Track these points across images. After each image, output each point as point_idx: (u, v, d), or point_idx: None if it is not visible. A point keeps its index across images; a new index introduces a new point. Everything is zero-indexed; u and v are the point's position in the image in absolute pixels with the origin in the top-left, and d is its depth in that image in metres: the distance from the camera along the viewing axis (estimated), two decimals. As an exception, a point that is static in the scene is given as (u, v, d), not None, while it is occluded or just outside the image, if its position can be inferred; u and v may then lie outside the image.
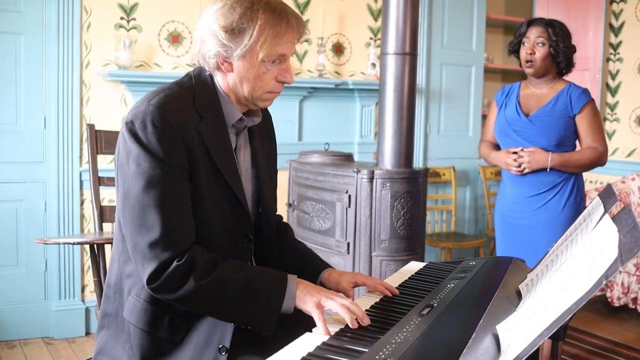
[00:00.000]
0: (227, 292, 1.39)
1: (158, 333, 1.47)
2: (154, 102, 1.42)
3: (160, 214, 1.37)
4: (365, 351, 1.18)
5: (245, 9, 1.44)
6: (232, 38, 1.44)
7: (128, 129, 1.40)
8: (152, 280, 1.36)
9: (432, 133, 4.78)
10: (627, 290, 4.07)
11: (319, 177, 3.14)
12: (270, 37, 1.45)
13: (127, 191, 1.40)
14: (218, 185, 1.49)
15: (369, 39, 4.49)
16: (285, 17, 1.47)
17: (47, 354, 3.39)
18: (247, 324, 1.44)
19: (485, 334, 1.11)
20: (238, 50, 1.45)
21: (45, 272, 3.61)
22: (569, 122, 2.77)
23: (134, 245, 1.39)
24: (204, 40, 1.48)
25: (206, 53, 1.49)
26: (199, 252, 1.41)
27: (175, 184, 1.40)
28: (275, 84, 1.53)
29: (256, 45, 1.44)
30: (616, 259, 0.94)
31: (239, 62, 1.48)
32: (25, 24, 3.44)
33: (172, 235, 1.37)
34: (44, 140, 3.54)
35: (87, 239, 2.42)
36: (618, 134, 4.91)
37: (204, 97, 1.51)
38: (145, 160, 1.38)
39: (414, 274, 1.82)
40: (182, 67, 3.85)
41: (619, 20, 4.92)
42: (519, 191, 2.85)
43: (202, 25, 1.49)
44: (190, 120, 1.45)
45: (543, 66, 2.79)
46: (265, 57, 1.46)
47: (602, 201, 1.44)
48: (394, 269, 2.81)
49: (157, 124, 1.39)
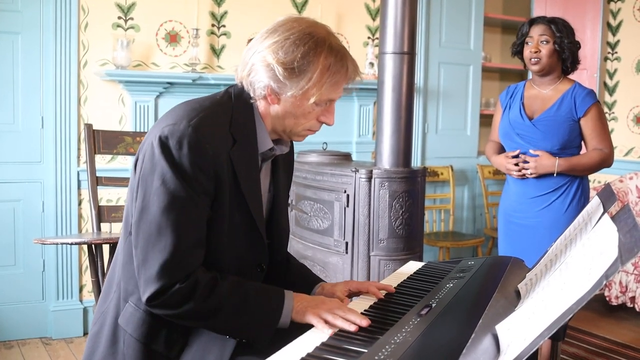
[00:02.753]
0: (225, 310, 1.39)
1: (153, 346, 1.45)
2: (193, 123, 1.39)
3: (175, 239, 1.35)
4: (364, 352, 1.18)
5: (308, 49, 1.41)
6: (289, 76, 1.42)
7: (161, 144, 1.37)
8: (152, 299, 1.36)
9: (430, 132, 4.78)
10: (625, 289, 4.08)
11: (317, 176, 3.13)
12: (327, 84, 1.44)
13: (146, 206, 1.38)
14: (239, 212, 1.48)
15: (367, 38, 4.49)
16: (345, 65, 1.46)
17: (45, 354, 3.38)
18: (243, 338, 1.45)
19: (484, 334, 1.11)
20: (293, 90, 1.43)
21: (43, 272, 3.60)
22: (573, 126, 2.73)
23: (142, 260, 1.38)
24: (255, 68, 1.45)
25: (256, 82, 1.46)
26: (202, 273, 1.40)
27: (196, 210, 1.39)
28: (315, 123, 1.52)
29: (312, 89, 1.43)
30: (616, 259, 0.94)
31: (289, 99, 1.45)
32: (22, 23, 3.43)
33: (182, 261, 1.36)
34: (42, 140, 3.53)
35: (85, 239, 2.42)
36: (616, 133, 4.91)
37: (240, 120, 1.48)
38: (172, 180, 1.36)
39: (413, 273, 1.82)
40: (179, 66, 3.84)
41: (616, 19, 4.92)
42: (523, 191, 2.83)
43: (256, 50, 1.45)
44: (224, 144, 1.43)
45: (549, 63, 2.75)
46: (317, 101, 1.45)
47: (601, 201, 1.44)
48: (392, 269, 2.81)
49: (193, 147, 1.37)
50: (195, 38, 3.79)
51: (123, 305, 1.49)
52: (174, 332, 1.46)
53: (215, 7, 3.94)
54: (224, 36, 3.98)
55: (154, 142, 1.39)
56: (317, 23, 1.49)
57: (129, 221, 1.48)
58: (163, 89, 3.73)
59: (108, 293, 1.56)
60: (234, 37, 4.00)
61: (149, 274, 1.36)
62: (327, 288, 1.66)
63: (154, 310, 1.40)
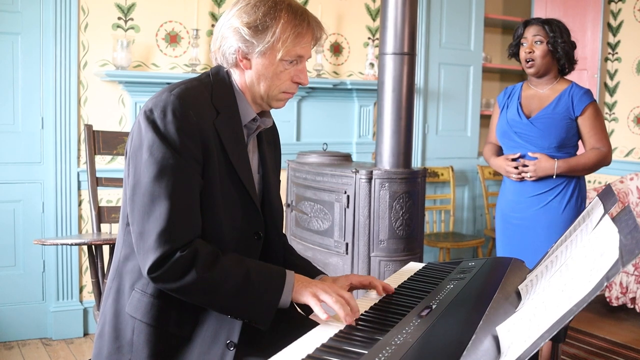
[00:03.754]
0: (226, 285, 1.39)
1: (166, 327, 1.46)
2: (175, 92, 1.44)
3: (169, 205, 1.37)
4: (364, 353, 1.18)
5: (269, 8, 1.50)
6: (254, 34, 1.49)
7: (146, 117, 1.41)
8: (153, 269, 1.36)
9: (431, 133, 4.77)
10: (626, 290, 4.07)
11: (317, 177, 3.13)
12: (291, 37, 1.50)
13: (138, 180, 1.40)
14: (231, 181, 1.50)
15: (367, 38, 4.49)
16: (306, 19, 1.53)
17: (45, 355, 3.38)
18: (244, 318, 1.44)
19: (485, 335, 1.11)
20: (260, 47, 1.50)
21: (43, 273, 3.60)
22: (570, 124, 2.75)
23: (139, 234, 1.38)
24: (224, 36, 1.52)
25: (226, 49, 1.53)
26: (202, 244, 1.41)
27: (187, 176, 1.41)
28: (290, 84, 1.57)
29: (277, 43, 1.49)
30: (617, 260, 0.94)
31: (258, 60, 1.52)
32: (22, 24, 3.43)
33: (179, 226, 1.38)
34: (42, 140, 3.53)
35: (85, 240, 2.42)
36: (616, 134, 4.91)
37: (221, 93, 1.54)
38: (159, 150, 1.38)
39: (413, 274, 1.81)
40: (179, 67, 3.84)
41: (617, 19, 4.92)
42: (520, 191, 2.84)
43: (223, 23, 1.53)
44: (208, 114, 1.48)
45: (543, 64, 2.78)
46: (284, 57, 1.51)
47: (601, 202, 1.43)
48: (392, 270, 2.81)
49: (177, 113, 1.41)
50: (195, 39, 3.79)
51: (129, 295, 1.49)
52: (184, 312, 1.47)
53: (215, 8, 3.94)
54: (224, 37, 3.97)
55: (140, 118, 1.43)
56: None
57: (126, 214, 1.49)
58: (163, 90, 3.72)
59: (109, 291, 1.56)
60: (234, 38, 3.99)
61: (147, 244, 1.36)
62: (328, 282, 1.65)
63: (155, 284, 1.40)
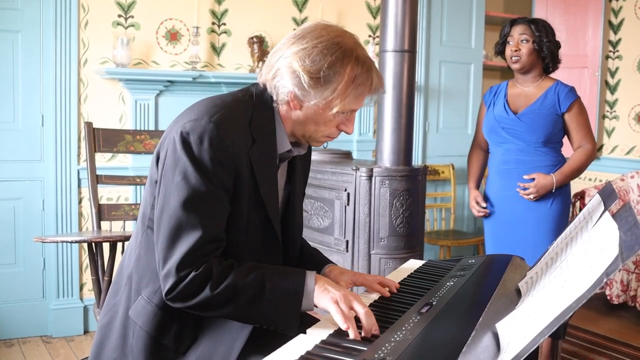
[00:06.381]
0: (243, 297, 1.37)
1: (163, 340, 1.46)
2: (215, 119, 1.39)
3: (195, 234, 1.35)
4: (364, 349, 1.18)
5: (335, 60, 1.41)
6: (314, 85, 1.42)
7: (182, 139, 1.38)
8: (170, 292, 1.36)
9: (431, 131, 4.77)
10: (627, 287, 4.07)
11: (317, 175, 3.13)
12: (351, 96, 1.44)
13: (167, 201, 1.38)
14: (256, 212, 1.48)
15: (367, 36, 4.48)
16: (370, 77, 1.46)
17: (45, 352, 3.38)
18: (267, 325, 1.42)
19: (484, 332, 1.10)
20: (316, 100, 1.44)
21: (43, 270, 3.60)
22: (556, 120, 2.82)
23: (163, 257, 1.38)
24: (280, 73, 1.45)
25: (280, 87, 1.46)
26: (217, 261, 1.39)
27: (216, 205, 1.39)
28: (334, 131, 1.53)
29: (336, 100, 1.43)
30: (617, 257, 0.93)
31: (312, 107, 1.46)
32: (22, 21, 3.43)
33: (201, 255, 1.36)
34: (42, 138, 3.53)
35: (85, 238, 2.42)
36: (617, 132, 4.90)
37: (261, 120, 1.48)
38: (192, 175, 1.36)
39: (413, 272, 1.82)
40: (180, 64, 3.84)
41: (618, 17, 4.91)
42: (507, 184, 2.91)
43: (282, 56, 1.45)
44: (244, 143, 1.43)
45: (529, 61, 2.84)
46: (339, 111, 1.46)
47: (602, 199, 1.43)
48: (392, 267, 2.81)
49: (214, 143, 1.37)
50: (196, 36, 3.78)
51: (135, 298, 1.49)
52: (184, 327, 1.46)
53: (216, 5, 3.94)
54: (224, 34, 3.97)
55: (176, 138, 1.39)
56: (345, 32, 1.48)
57: (146, 216, 1.49)
58: (163, 87, 3.73)
59: (119, 286, 1.56)
60: (234, 35, 3.99)
61: (168, 268, 1.36)
62: (334, 274, 1.65)
63: (173, 304, 1.39)
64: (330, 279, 1.63)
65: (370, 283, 1.61)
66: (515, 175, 2.86)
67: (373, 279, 1.63)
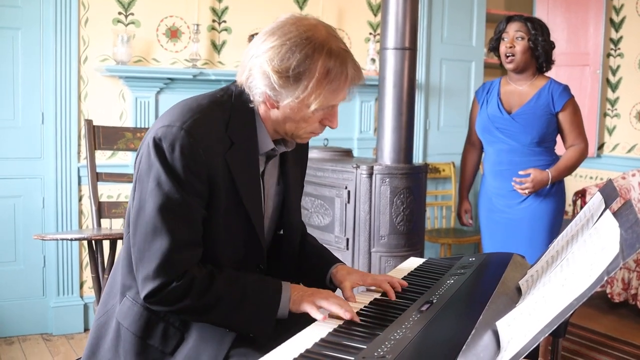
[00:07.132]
0: (222, 304, 1.40)
1: (149, 340, 1.45)
2: (186, 126, 1.36)
3: (169, 240, 1.35)
4: (363, 348, 1.17)
5: (305, 57, 1.36)
6: (284, 85, 1.37)
7: (155, 145, 1.37)
8: (149, 296, 1.36)
9: (432, 129, 4.76)
10: (628, 286, 4.07)
11: (318, 172, 3.12)
12: (325, 92, 1.39)
13: (142, 206, 1.38)
14: (237, 214, 1.46)
15: (368, 34, 4.48)
16: (345, 70, 1.40)
17: (45, 350, 3.38)
18: (242, 332, 1.45)
19: (485, 330, 1.10)
20: (289, 99, 1.39)
21: (43, 268, 3.60)
22: (550, 119, 2.82)
23: (139, 259, 1.38)
24: (253, 74, 1.41)
25: (253, 88, 1.42)
26: (198, 270, 1.39)
27: (190, 211, 1.38)
28: (317, 126, 1.48)
29: (309, 97, 1.38)
30: (617, 255, 0.93)
31: (287, 106, 1.41)
32: (22, 19, 3.42)
33: (177, 261, 1.36)
34: (42, 136, 3.52)
35: (85, 235, 2.42)
36: (618, 130, 4.90)
37: (240, 122, 1.45)
38: (165, 183, 1.36)
39: (413, 270, 1.81)
40: (180, 62, 3.83)
41: (619, 15, 4.90)
42: (501, 185, 2.92)
43: (254, 55, 1.41)
44: (220, 148, 1.41)
45: (523, 60, 2.84)
46: (316, 108, 1.41)
47: (603, 197, 1.43)
48: (393, 265, 2.80)
49: (185, 151, 1.35)
50: (196, 34, 3.78)
51: (121, 299, 1.50)
52: (170, 327, 1.46)
53: (216, 3, 3.93)
54: (224, 32, 3.97)
55: (150, 143, 1.38)
56: (317, 25, 1.43)
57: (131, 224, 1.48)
58: (164, 85, 3.72)
59: (113, 287, 1.57)
60: (234, 33, 3.99)
61: (146, 272, 1.36)
62: (341, 274, 1.64)
63: (152, 307, 1.41)
64: (337, 279, 1.64)
65: (379, 283, 1.60)
66: (509, 176, 2.87)
67: (383, 278, 1.62)
